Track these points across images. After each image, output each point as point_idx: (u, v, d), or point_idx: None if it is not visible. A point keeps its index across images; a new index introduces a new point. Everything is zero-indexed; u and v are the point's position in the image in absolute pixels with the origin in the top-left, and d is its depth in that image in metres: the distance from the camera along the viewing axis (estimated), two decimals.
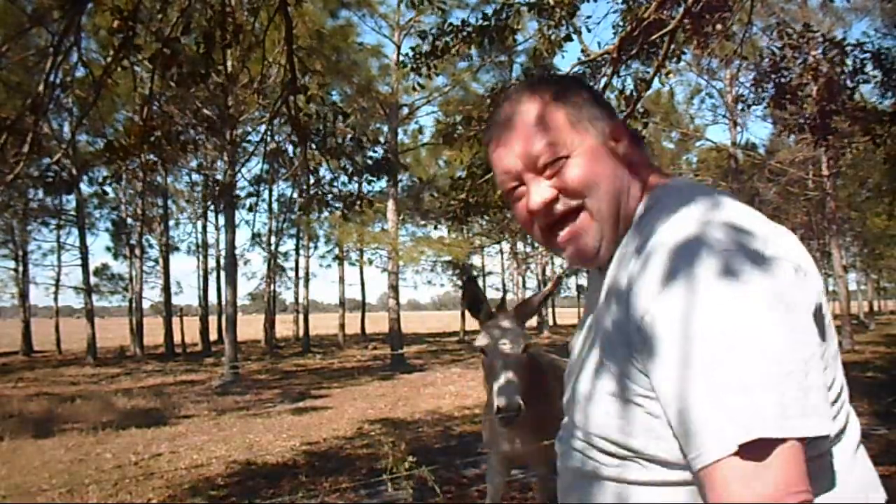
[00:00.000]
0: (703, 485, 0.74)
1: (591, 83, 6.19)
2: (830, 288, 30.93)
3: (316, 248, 31.10)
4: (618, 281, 0.86)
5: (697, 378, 0.72)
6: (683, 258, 0.76)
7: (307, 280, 30.06)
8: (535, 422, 2.64)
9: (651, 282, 0.78)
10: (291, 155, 20.94)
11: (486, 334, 2.60)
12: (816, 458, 0.76)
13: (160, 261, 26.94)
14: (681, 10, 5.13)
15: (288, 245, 30.09)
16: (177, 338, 25.15)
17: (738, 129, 23.91)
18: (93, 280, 24.50)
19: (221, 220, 22.66)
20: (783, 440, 0.70)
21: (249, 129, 19.34)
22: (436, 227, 28.17)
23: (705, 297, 0.73)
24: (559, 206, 0.92)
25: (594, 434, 0.88)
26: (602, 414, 0.86)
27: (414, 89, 6.72)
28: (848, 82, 6.45)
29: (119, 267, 34.45)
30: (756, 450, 0.69)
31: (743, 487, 0.70)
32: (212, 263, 28.45)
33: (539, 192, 0.91)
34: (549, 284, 2.89)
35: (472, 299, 2.73)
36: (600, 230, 0.91)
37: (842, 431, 0.83)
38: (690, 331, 0.73)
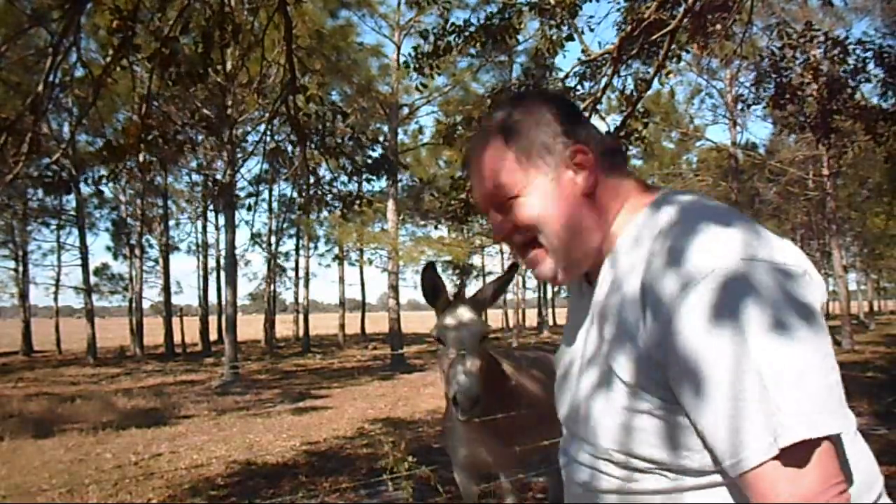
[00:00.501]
0: (747, 487, 0.77)
1: (592, 83, 6.20)
2: (831, 288, 30.94)
3: (316, 248, 31.12)
4: (620, 302, 0.87)
5: (745, 405, 0.75)
6: (733, 300, 0.76)
7: (307, 280, 30.10)
8: (498, 423, 2.56)
9: (697, 314, 0.77)
10: (291, 155, 20.96)
11: (442, 323, 2.48)
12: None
13: (160, 261, 26.96)
14: (681, 10, 5.13)
15: (288, 245, 30.11)
16: (177, 338, 25.15)
17: (738, 129, 23.92)
18: (93, 280, 24.52)
19: (221, 220, 22.67)
20: (819, 440, 0.74)
21: (249, 128, 19.34)
22: (436, 227, 28.20)
23: (756, 345, 0.75)
24: (517, 237, 0.98)
25: (607, 448, 0.88)
26: (616, 427, 0.86)
27: (417, 89, 6.71)
28: (850, 81, 6.44)
29: (119, 267, 34.45)
30: (797, 451, 0.73)
31: (790, 486, 0.74)
32: (212, 263, 28.50)
33: (497, 226, 0.99)
34: (505, 271, 2.74)
35: (431, 286, 2.57)
36: (555, 260, 0.95)
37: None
38: (740, 370, 0.75)
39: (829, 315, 28.85)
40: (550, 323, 35.72)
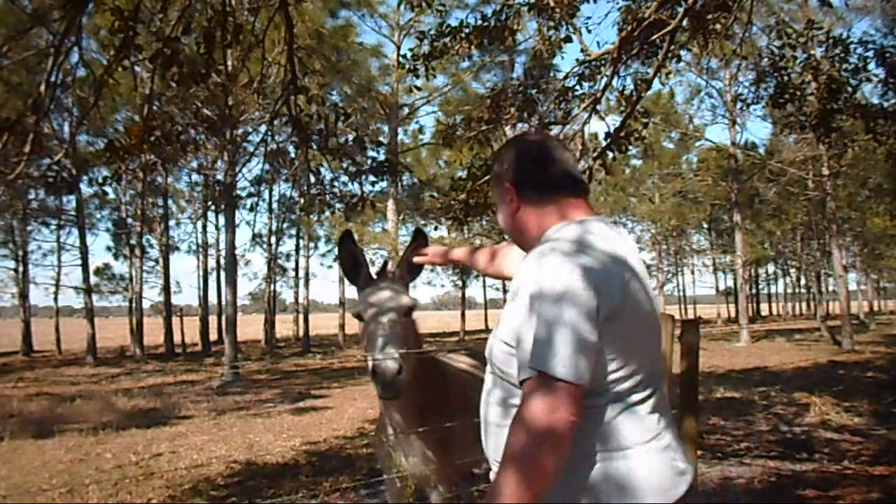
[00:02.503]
0: (523, 390, 1.26)
1: (592, 83, 6.20)
2: (831, 288, 30.95)
3: (316, 248, 31.16)
4: (513, 284, 1.44)
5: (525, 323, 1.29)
6: (527, 262, 1.38)
7: (307, 280, 30.12)
8: (436, 433, 2.38)
9: (517, 280, 1.40)
10: (292, 156, 20.98)
11: (362, 300, 2.30)
12: (591, 406, 1.28)
13: (160, 261, 26.97)
14: (681, 10, 5.13)
15: (288, 245, 30.20)
16: (177, 338, 25.15)
17: (738, 128, 23.91)
18: (93, 280, 24.53)
19: (221, 220, 22.68)
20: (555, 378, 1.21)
21: (250, 129, 19.35)
22: (436, 228, 28.18)
23: (524, 281, 1.34)
24: None
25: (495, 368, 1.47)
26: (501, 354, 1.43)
27: (410, 91, 6.71)
28: (850, 80, 6.44)
29: (119, 267, 34.49)
30: (543, 378, 1.22)
31: (536, 401, 1.21)
32: (212, 263, 28.51)
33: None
34: (412, 238, 2.53)
35: (350, 260, 2.38)
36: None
37: (616, 401, 1.31)
38: (519, 299, 1.33)
39: (829, 315, 28.93)
40: None
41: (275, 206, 27.66)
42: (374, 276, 2.41)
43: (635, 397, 1.34)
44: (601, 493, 1.27)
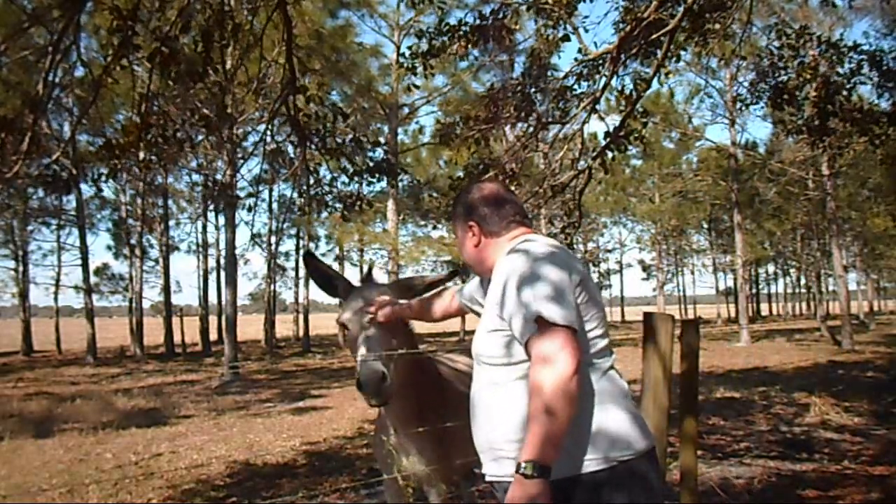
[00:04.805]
0: (531, 347, 1.52)
1: (591, 83, 6.20)
2: (831, 288, 30.94)
3: (316, 248, 31.09)
4: (493, 288, 1.70)
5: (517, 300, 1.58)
6: (498, 268, 1.72)
7: (307, 280, 30.04)
8: (435, 432, 2.38)
9: (494, 281, 1.70)
10: (291, 155, 20.94)
11: (346, 307, 2.31)
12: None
13: (160, 260, 26.97)
14: (680, 9, 5.13)
15: (288, 245, 30.12)
16: (177, 338, 25.14)
17: (738, 128, 23.90)
18: (93, 280, 24.52)
19: (221, 220, 22.68)
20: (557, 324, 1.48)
21: (249, 128, 19.34)
22: (434, 228, 28.17)
23: (502, 275, 1.66)
24: None
25: (480, 353, 1.73)
26: (485, 341, 1.69)
27: (409, 90, 6.70)
28: (846, 83, 6.45)
29: (119, 267, 34.46)
30: (545, 326, 1.49)
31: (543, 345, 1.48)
32: (212, 263, 28.49)
33: None
34: (445, 276, 2.54)
35: (319, 276, 2.38)
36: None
37: (591, 365, 1.60)
38: (508, 284, 1.60)
39: (829, 315, 28.92)
40: None
41: (274, 206, 27.68)
42: (357, 284, 2.43)
43: (606, 363, 1.65)
44: (600, 447, 1.52)
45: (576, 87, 6.18)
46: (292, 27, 4.43)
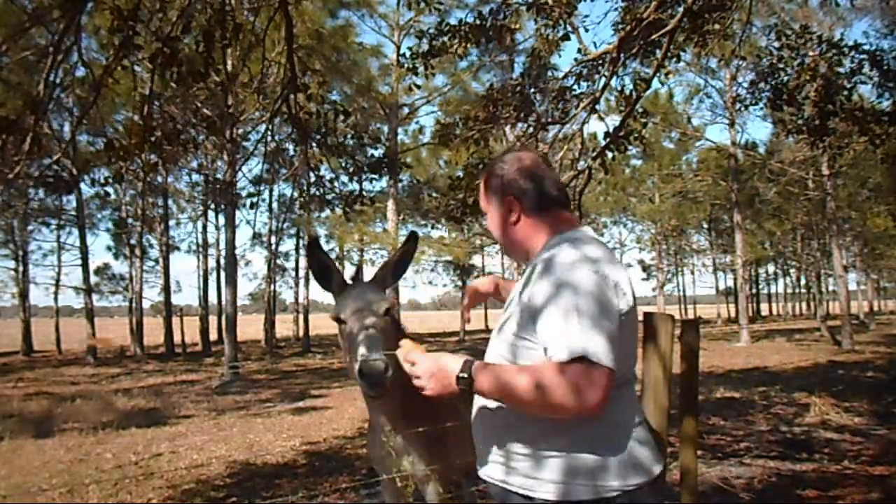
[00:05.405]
0: (563, 370, 1.37)
1: (590, 83, 6.20)
2: (831, 288, 30.93)
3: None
4: (525, 283, 1.58)
5: (557, 319, 1.41)
6: (547, 268, 1.52)
7: (307, 280, 30.04)
8: (430, 431, 2.37)
9: (535, 279, 1.54)
10: (292, 155, 20.97)
11: (341, 303, 2.31)
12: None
13: (160, 260, 26.97)
14: (680, 9, 5.13)
15: (288, 245, 30.12)
16: (177, 338, 25.14)
17: (738, 128, 23.91)
18: (93, 280, 24.53)
19: (221, 220, 22.67)
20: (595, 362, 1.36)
21: (250, 128, 19.34)
22: (434, 227, 28.19)
23: (553, 283, 1.47)
24: None
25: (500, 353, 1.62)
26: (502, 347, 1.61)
27: (410, 89, 6.70)
28: (846, 83, 6.45)
29: (119, 267, 34.46)
30: (587, 363, 1.36)
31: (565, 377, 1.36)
32: (212, 263, 28.48)
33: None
34: (404, 242, 2.51)
35: (320, 268, 2.37)
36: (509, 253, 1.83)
37: (626, 386, 1.54)
38: (550, 298, 1.45)
39: (829, 315, 28.92)
40: None
41: (274, 205, 27.68)
42: (349, 281, 2.43)
43: (629, 390, 1.58)
44: (622, 473, 1.47)
45: (575, 87, 6.19)
46: (293, 27, 4.43)
